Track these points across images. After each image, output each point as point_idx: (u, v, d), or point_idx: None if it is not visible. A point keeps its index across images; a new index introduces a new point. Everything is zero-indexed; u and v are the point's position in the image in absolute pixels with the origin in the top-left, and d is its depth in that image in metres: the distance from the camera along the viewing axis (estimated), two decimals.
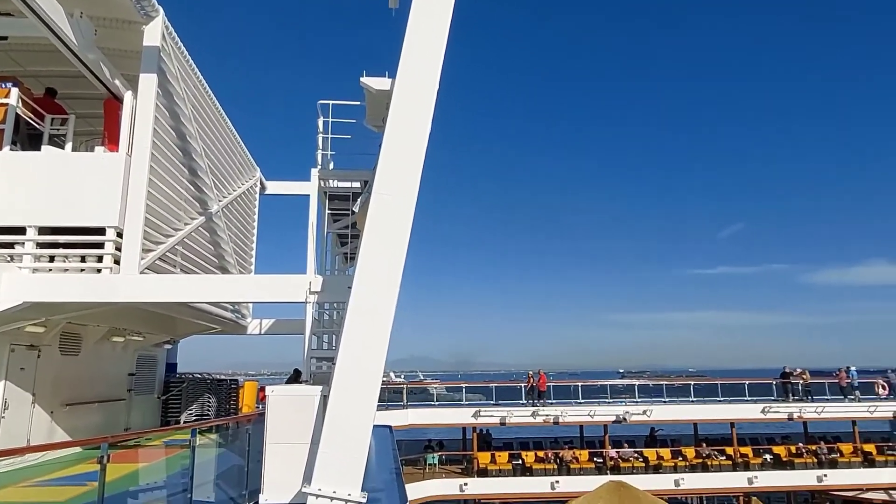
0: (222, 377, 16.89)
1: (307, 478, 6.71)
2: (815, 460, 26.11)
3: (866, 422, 27.90)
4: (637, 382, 30.07)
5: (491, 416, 26.19)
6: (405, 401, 27.24)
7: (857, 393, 27.72)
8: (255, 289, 10.30)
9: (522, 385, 27.46)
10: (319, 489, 6.62)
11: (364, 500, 6.72)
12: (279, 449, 7.16)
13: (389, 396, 27.43)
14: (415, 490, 23.98)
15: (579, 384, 28.48)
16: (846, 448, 27.09)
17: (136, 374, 13.28)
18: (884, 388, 27.90)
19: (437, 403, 28.94)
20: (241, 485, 7.82)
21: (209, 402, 14.97)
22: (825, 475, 25.55)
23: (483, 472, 25.05)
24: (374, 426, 17.85)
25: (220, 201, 12.80)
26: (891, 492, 24.87)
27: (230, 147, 13.90)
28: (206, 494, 7.35)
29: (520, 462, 25.75)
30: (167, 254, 10.35)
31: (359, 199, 12.64)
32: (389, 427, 17.75)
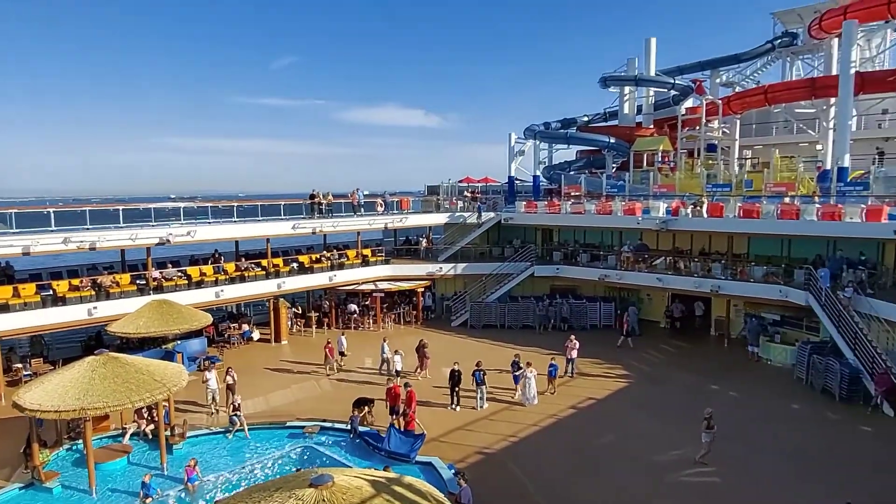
0: None
1: None
2: (329, 264, 32.95)
3: (367, 232, 36.09)
4: (182, 205, 30.68)
5: (11, 245, 23.10)
6: None
7: (363, 210, 35.31)
8: None
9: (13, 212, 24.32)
10: None
11: None
12: None
13: None
14: None
15: (120, 208, 27.44)
16: (351, 253, 34.90)
17: None
18: (381, 205, 36.25)
19: None
20: None
21: None
22: (336, 275, 32.64)
23: (5, 308, 22.63)
24: None
25: None
26: (376, 283, 33.86)
27: None
28: None
29: (50, 293, 24.19)
30: None
31: None
32: None
